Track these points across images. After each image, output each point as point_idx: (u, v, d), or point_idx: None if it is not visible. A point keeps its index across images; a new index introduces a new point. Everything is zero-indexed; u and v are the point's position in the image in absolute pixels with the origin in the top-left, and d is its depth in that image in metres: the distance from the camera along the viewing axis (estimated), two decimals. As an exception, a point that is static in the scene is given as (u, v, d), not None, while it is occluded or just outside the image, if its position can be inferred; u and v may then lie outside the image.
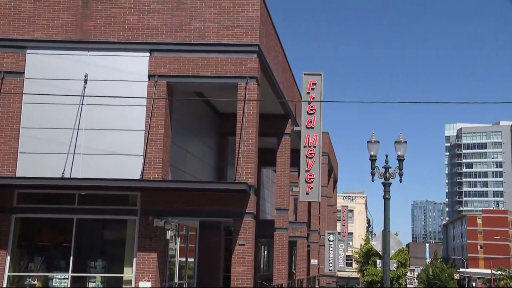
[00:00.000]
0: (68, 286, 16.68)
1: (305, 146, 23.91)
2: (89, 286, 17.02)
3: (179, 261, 20.52)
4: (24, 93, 17.08)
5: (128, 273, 16.72)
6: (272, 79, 20.18)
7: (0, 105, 17.00)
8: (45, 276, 16.94)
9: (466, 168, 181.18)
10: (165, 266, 17.93)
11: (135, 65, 17.32)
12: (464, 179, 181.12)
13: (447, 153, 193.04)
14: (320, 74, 24.05)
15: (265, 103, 20.38)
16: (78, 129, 17.00)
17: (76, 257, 16.93)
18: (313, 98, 23.71)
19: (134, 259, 16.61)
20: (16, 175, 16.74)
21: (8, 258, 16.69)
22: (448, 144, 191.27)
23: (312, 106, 23.80)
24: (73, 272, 16.77)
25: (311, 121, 23.82)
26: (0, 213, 16.75)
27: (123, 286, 16.76)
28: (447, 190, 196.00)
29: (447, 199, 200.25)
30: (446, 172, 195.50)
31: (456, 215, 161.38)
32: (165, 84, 17.21)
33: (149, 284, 15.19)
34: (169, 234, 18.07)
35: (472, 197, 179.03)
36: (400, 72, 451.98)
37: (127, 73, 17.24)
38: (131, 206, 17.12)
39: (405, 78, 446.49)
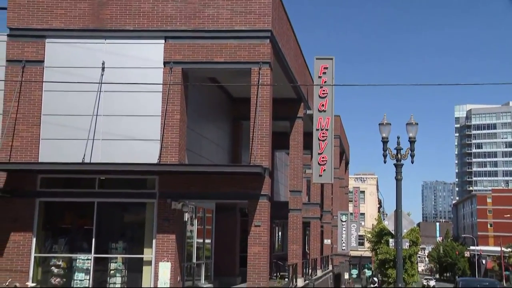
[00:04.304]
0: (91, 266, 16.92)
1: (317, 129, 23.84)
2: (111, 267, 17.25)
3: (197, 242, 20.69)
4: (44, 81, 17.19)
5: (148, 254, 16.91)
6: (285, 63, 20.10)
7: (22, 93, 17.14)
8: (69, 257, 17.20)
9: (475, 148, 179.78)
10: (183, 247, 18.10)
11: (151, 52, 17.33)
12: (474, 160, 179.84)
13: (457, 134, 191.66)
14: (332, 58, 23.87)
15: (278, 88, 20.33)
16: (96, 115, 17.10)
17: (98, 239, 17.14)
18: (325, 82, 23.59)
19: (154, 241, 16.78)
20: (39, 161, 16.93)
21: (34, 240, 16.96)
22: (458, 126, 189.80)
23: (324, 90, 23.68)
24: (95, 253, 17.00)
25: (323, 105, 23.71)
26: (24, 198, 16.99)
27: (144, 267, 16.97)
28: (457, 171, 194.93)
29: (457, 179, 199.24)
30: (456, 153, 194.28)
31: (466, 195, 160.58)
32: (180, 70, 17.22)
33: (169, 264, 15.36)
34: (186, 216, 18.20)
35: (482, 177, 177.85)
36: (410, 56, 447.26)
37: (143, 60, 17.27)
38: (149, 190, 17.26)
39: (415, 61, 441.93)
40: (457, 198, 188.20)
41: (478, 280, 27.35)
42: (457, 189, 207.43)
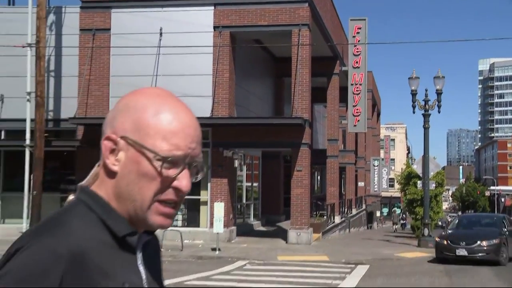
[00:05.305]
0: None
1: (352, 84, 23.39)
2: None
3: (246, 185, 20.98)
4: (112, 47, 17.36)
5: (204, 196, 17.28)
6: (322, 25, 19.60)
7: (93, 57, 17.41)
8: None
9: (497, 98, 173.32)
10: (234, 189, 18.38)
11: (202, 18, 17.20)
12: (495, 109, 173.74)
13: (480, 86, 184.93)
14: (365, 19, 23.12)
15: (316, 47, 19.91)
16: (156, 75, 17.25)
17: (161, 183, 17.56)
18: (359, 41, 22.94)
19: (209, 184, 17.10)
20: (109, 117, 17.30)
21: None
22: (481, 78, 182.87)
23: (357, 48, 23.07)
24: (159, 195, 17.45)
25: (357, 62, 23.16)
26: (99, 148, 17.41)
27: (201, 206, 17.38)
28: (479, 119, 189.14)
29: (479, 127, 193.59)
30: (479, 102, 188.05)
31: (487, 141, 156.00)
32: (228, 33, 17.04)
33: (222, 204, 15.66)
34: (236, 163, 18.40)
35: (503, 124, 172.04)
36: (438, 14, 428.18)
37: (196, 25, 17.17)
38: (203, 140, 17.20)
39: (442, 19, 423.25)
40: (479, 143, 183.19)
41: (480, 215, 25.50)
42: (479, 135, 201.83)
